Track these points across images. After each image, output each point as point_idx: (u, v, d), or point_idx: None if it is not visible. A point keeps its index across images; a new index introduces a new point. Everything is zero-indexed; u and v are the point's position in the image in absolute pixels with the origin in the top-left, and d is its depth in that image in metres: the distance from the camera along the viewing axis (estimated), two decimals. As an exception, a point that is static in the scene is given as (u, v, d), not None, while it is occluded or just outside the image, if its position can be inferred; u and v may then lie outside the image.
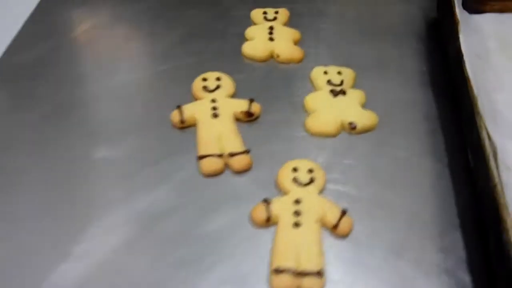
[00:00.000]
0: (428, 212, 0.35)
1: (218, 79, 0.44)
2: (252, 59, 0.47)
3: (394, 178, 0.38)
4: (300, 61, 0.47)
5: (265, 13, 0.51)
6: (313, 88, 0.45)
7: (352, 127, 0.41)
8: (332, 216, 0.35)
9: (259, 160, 0.39)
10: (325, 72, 0.45)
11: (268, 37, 0.48)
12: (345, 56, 0.48)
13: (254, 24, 0.51)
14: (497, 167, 0.31)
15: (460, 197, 0.36)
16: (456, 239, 0.34)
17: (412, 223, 0.35)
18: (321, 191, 0.37)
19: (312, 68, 0.46)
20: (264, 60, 0.47)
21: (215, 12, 0.53)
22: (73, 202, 0.36)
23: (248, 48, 0.48)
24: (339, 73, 0.45)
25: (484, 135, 0.33)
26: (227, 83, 0.44)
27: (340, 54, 0.48)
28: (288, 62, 0.47)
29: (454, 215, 0.35)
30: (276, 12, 0.51)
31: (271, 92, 0.44)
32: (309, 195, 0.36)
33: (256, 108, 0.42)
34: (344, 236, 0.35)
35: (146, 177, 0.38)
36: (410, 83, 0.45)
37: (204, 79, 0.44)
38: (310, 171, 0.37)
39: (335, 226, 0.35)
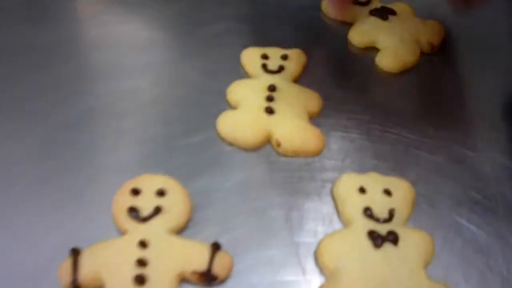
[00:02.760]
0: None
1: (160, 193, 0.23)
2: (233, 144, 0.27)
3: None
4: (316, 154, 0.27)
5: (265, 57, 0.30)
6: (338, 213, 0.24)
7: (407, 323, 0.21)
8: None
9: None
10: (362, 190, 0.24)
11: (264, 105, 0.27)
12: (398, 157, 0.27)
13: (246, 75, 0.30)
14: None
15: None
16: None
17: None
18: None
19: (337, 172, 0.25)
20: (254, 148, 0.27)
21: (186, 44, 0.32)
22: None
23: (227, 126, 0.27)
24: (387, 192, 0.24)
25: None
26: (176, 201, 0.23)
27: (389, 151, 0.27)
28: (295, 155, 0.26)
29: None
30: (285, 57, 0.30)
31: (258, 220, 0.24)
32: None
33: (223, 264, 0.22)
34: None
35: None
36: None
37: (135, 191, 0.23)
38: None
39: None
